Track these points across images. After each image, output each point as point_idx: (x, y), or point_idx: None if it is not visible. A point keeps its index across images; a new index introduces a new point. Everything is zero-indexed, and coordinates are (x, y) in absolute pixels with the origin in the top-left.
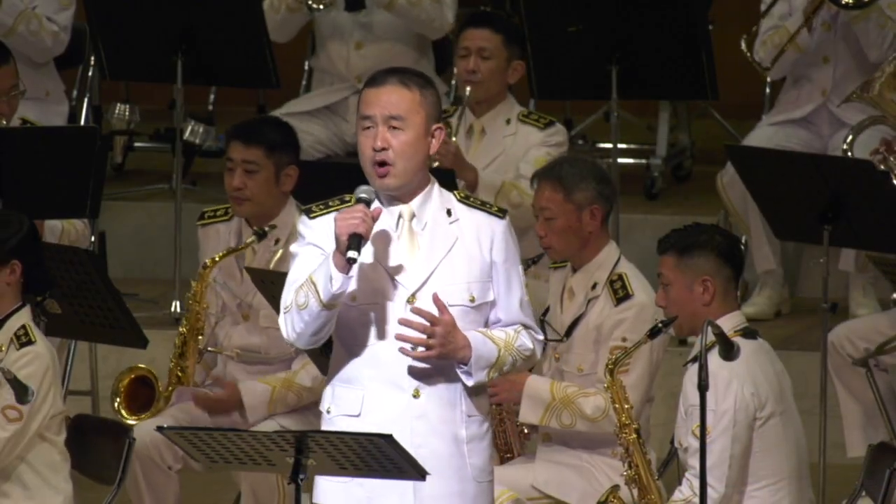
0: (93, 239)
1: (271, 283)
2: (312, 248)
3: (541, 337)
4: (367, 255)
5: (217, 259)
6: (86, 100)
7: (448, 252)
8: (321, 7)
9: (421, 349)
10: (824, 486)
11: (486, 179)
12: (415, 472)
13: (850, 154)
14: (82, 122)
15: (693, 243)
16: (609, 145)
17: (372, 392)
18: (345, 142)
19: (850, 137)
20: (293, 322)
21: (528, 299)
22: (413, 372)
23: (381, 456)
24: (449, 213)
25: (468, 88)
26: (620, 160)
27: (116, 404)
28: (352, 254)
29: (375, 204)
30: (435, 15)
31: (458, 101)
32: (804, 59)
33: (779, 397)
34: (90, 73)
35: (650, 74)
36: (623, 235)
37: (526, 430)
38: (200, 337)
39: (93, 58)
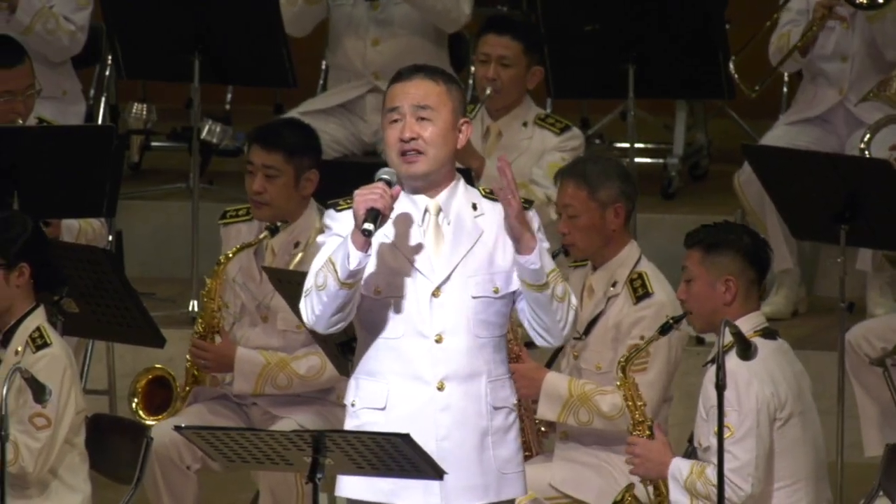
0: (110, 238)
1: (288, 283)
2: (337, 238)
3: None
4: (390, 243)
5: (231, 255)
6: (103, 99)
7: (473, 246)
8: None
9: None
10: (842, 485)
11: (494, 173)
12: (432, 471)
13: (866, 153)
14: (99, 122)
15: (720, 241)
16: (626, 145)
17: (396, 385)
18: (362, 141)
19: (867, 136)
20: (313, 304)
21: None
22: (437, 365)
23: (398, 455)
24: (474, 207)
25: (488, 90)
26: (637, 159)
27: (134, 405)
28: (367, 226)
29: (397, 185)
30: (451, 6)
31: (475, 100)
32: (821, 58)
33: (798, 398)
34: (107, 73)
35: (667, 74)
36: (640, 235)
37: (543, 429)
38: (216, 335)
39: (110, 57)
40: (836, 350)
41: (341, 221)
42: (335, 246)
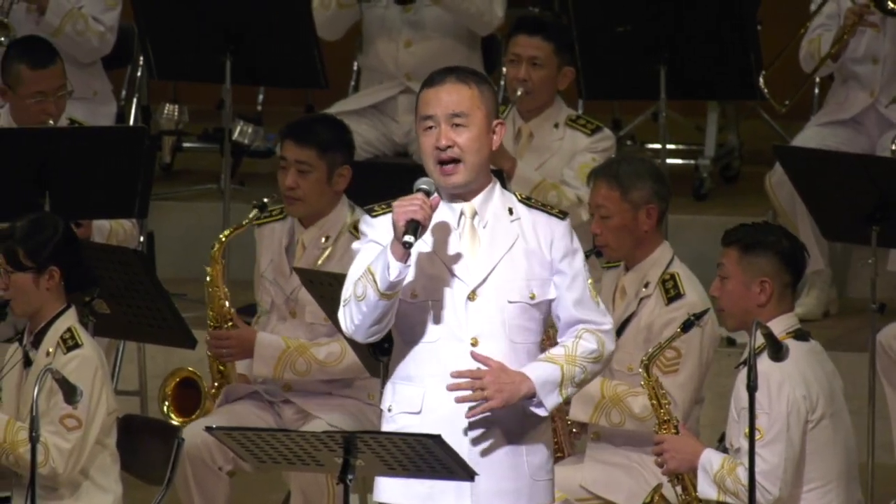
0: (141, 239)
1: (319, 284)
2: (374, 244)
3: (607, 327)
4: (427, 249)
5: (223, 239)
6: (134, 100)
7: (509, 249)
8: None
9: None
10: (872, 486)
11: (525, 174)
12: (463, 472)
13: None
14: (131, 122)
15: (759, 242)
16: (657, 146)
17: (432, 388)
18: (393, 142)
19: None
20: (352, 314)
21: (593, 296)
22: (473, 368)
23: (429, 456)
24: (510, 211)
25: (519, 91)
26: (669, 161)
27: (165, 408)
28: (408, 238)
29: (435, 195)
30: (484, 9)
31: (507, 101)
32: (852, 60)
33: (829, 399)
34: (138, 73)
35: (698, 75)
36: (671, 236)
37: (575, 430)
38: (230, 323)
39: (141, 58)
40: (867, 351)
41: (377, 228)
42: (371, 254)
